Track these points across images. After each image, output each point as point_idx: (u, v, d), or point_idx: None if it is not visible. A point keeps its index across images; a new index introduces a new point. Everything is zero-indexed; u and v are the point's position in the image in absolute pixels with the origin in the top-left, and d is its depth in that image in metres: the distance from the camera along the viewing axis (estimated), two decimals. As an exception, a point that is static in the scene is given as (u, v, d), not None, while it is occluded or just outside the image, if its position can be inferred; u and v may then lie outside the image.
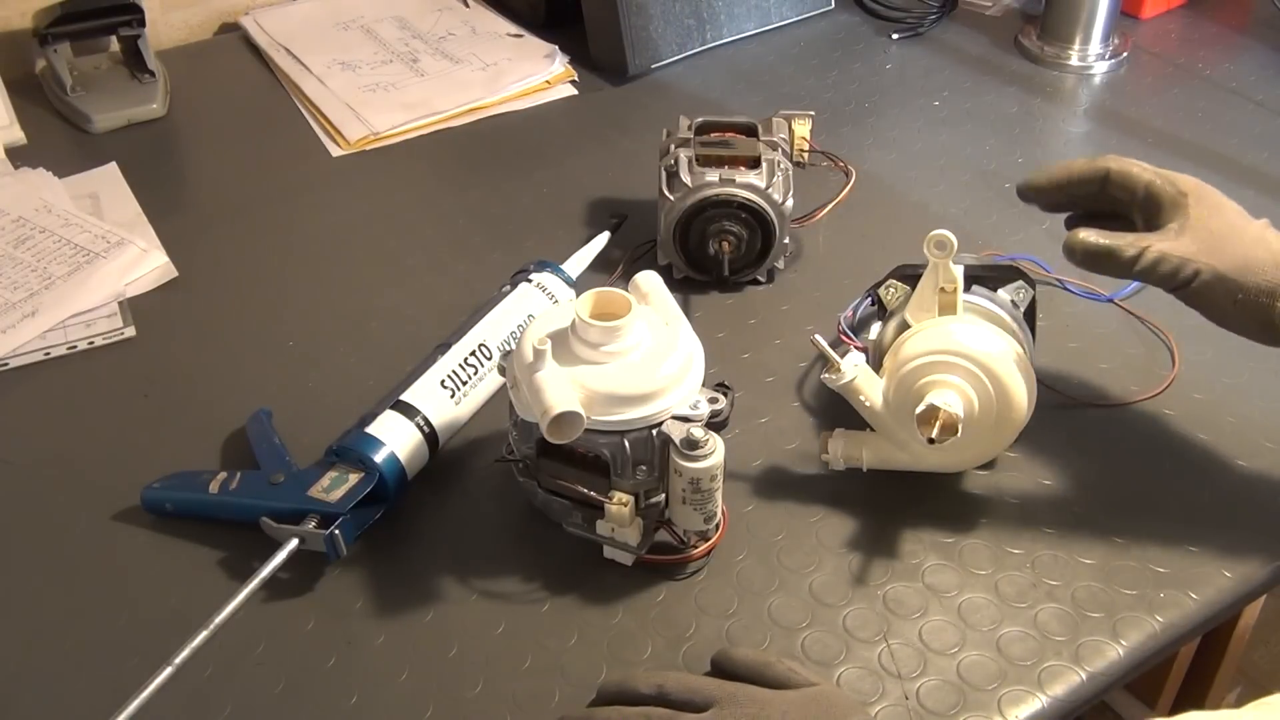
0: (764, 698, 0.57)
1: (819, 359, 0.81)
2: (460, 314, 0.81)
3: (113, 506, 0.73)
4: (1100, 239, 0.68)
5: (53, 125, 1.14)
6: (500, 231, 0.98)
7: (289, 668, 0.64)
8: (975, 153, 1.07)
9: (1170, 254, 0.66)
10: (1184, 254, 0.66)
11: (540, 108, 1.16)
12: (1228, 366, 0.82)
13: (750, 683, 0.59)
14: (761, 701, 0.57)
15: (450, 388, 0.75)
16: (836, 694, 0.59)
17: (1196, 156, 1.05)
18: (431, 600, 0.68)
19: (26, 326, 0.87)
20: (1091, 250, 0.67)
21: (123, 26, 1.15)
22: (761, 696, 0.57)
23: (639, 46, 1.17)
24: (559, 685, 0.63)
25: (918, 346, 0.69)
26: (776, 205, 0.87)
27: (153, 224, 0.99)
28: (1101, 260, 0.67)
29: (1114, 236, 0.67)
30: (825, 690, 0.58)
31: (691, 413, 0.64)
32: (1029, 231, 0.96)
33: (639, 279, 0.69)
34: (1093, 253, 0.67)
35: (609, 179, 1.04)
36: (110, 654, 0.65)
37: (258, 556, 0.67)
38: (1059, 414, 0.78)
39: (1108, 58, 1.21)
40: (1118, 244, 0.67)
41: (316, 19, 1.31)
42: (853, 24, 1.30)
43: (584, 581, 0.68)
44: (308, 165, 1.08)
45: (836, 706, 0.57)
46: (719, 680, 0.60)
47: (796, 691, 0.58)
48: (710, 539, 0.69)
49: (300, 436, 0.76)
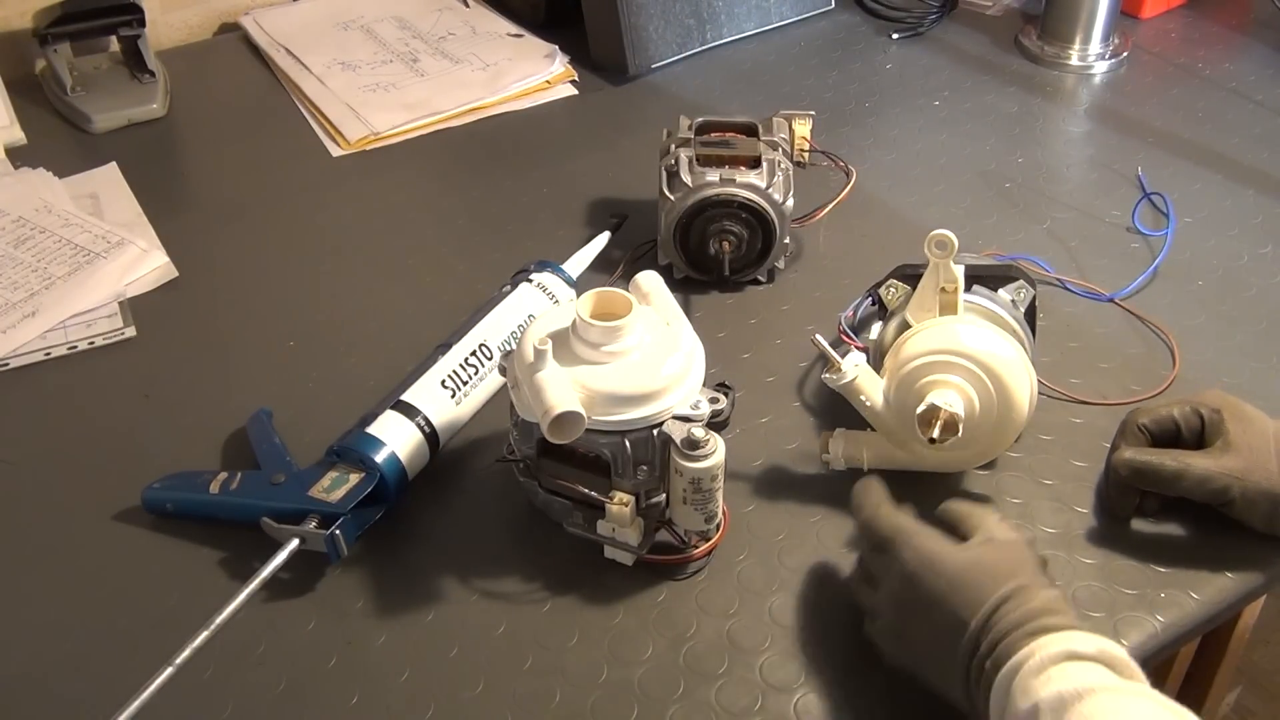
0: (924, 560, 0.60)
1: (819, 359, 0.81)
2: (460, 314, 0.81)
3: (113, 506, 0.73)
4: (1142, 456, 0.68)
5: (53, 125, 1.14)
6: (500, 231, 0.98)
7: (289, 668, 0.64)
8: (975, 153, 1.07)
9: (1215, 474, 0.66)
10: (1228, 471, 0.66)
11: (540, 108, 1.16)
12: (1228, 366, 0.82)
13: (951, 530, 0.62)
14: (919, 566, 0.59)
15: (451, 388, 0.75)
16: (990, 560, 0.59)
17: (1196, 156, 1.05)
18: (432, 600, 0.68)
19: (27, 326, 0.87)
20: (1137, 468, 0.68)
21: (123, 26, 1.15)
22: (923, 559, 0.60)
23: (639, 46, 1.17)
24: (559, 685, 0.63)
25: (919, 346, 0.69)
26: (777, 205, 0.87)
27: (153, 224, 0.99)
28: (1147, 477, 0.68)
29: (1157, 454, 0.68)
30: (984, 556, 0.59)
31: (692, 413, 0.64)
32: (1029, 231, 0.97)
33: (639, 279, 0.69)
34: (1138, 470, 0.68)
35: (609, 179, 1.04)
36: (110, 654, 0.65)
37: (258, 556, 0.67)
38: (1059, 414, 0.78)
39: (1108, 58, 1.21)
40: (1161, 461, 0.68)
41: (316, 19, 1.30)
42: (853, 24, 1.30)
43: (585, 582, 0.68)
44: (308, 165, 1.08)
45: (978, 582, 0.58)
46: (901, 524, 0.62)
47: (963, 556, 0.59)
48: (711, 539, 0.69)
49: (300, 436, 0.76)
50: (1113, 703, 0.51)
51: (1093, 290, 0.89)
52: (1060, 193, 1.01)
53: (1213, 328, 0.86)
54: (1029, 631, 0.55)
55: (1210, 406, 0.69)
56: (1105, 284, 0.89)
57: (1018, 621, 0.55)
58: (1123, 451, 0.69)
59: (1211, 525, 0.70)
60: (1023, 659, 0.54)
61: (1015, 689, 0.53)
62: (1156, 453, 0.68)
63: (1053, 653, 0.53)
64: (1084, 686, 0.51)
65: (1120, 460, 0.69)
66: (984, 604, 0.57)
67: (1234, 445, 0.67)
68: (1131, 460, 0.68)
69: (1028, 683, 0.53)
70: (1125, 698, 0.51)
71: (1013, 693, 0.53)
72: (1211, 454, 0.67)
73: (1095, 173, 1.04)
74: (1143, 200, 0.98)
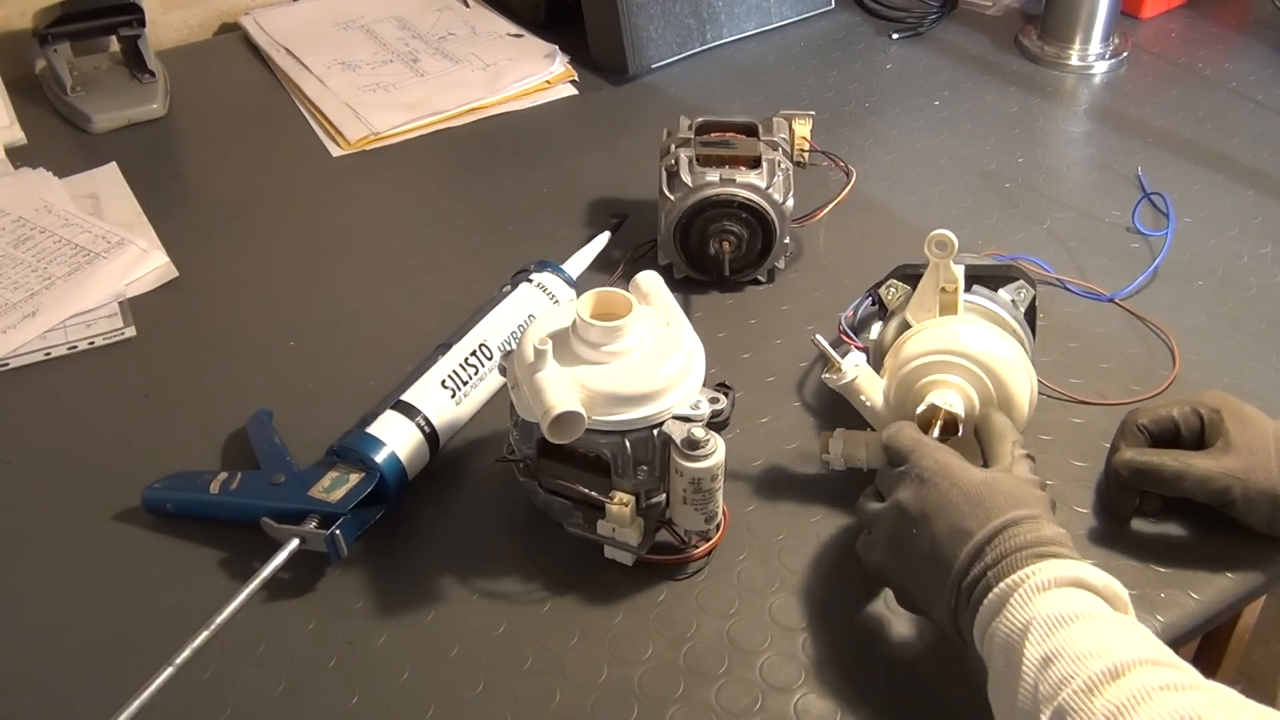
0: (941, 467, 0.61)
1: (819, 359, 0.81)
2: (460, 314, 0.81)
3: (113, 506, 0.73)
4: (1143, 456, 0.68)
5: (53, 125, 1.14)
6: (500, 231, 0.98)
7: (289, 668, 0.64)
8: (975, 153, 1.07)
9: (1216, 474, 0.66)
10: (1229, 471, 0.66)
11: (540, 108, 1.16)
12: (1228, 366, 0.82)
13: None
14: (935, 472, 0.60)
15: (451, 388, 0.75)
16: (1006, 485, 0.60)
17: (1196, 156, 1.05)
18: (432, 600, 0.68)
19: (27, 327, 0.87)
20: (1138, 468, 0.68)
21: (123, 26, 1.15)
22: (940, 466, 0.61)
23: (639, 46, 1.17)
24: (560, 685, 0.63)
25: (919, 346, 0.69)
26: (777, 205, 0.87)
27: (153, 224, 0.99)
28: (1148, 477, 0.68)
29: (1158, 454, 0.68)
30: (1000, 479, 0.60)
31: (692, 413, 0.64)
32: (1029, 231, 0.97)
33: (640, 279, 0.69)
34: (1139, 470, 0.68)
35: (609, 179, 1.04)
36: (110, 654, 0.65)
37: (258, 556, 0.67)
38: (1059, 414, 0.78)
39: (1108, 57, 1.21)
40: (1162, 461, 0.68)
41: (316, 19, 1.31)
42: (853, 24, 1.30)
43: (585, 582, 0.68)
44: (308, 165, 1.08)
45: (991, 498, 0.58)
46: (924, 439, 0.64)
47: (980, 474, 0.60)
48: (711, 539, 0.69)
49: (300, 436, 0.76)
50: (1105, 630, 0.51)
51: (1093, 290, 0.89)
52: (1060, 193, 1.01)
53: (1213, 328, 0.86)
54: (1037, 554, 0.56)
55: (1210, 407, 0.69)
56: (1105, 284, 0.89)
57: (1028, 543, 0.56)
58: (1123, 452, 0.69)
59: (1211, 525, 0.70)
60: (1028, 575, 0.54)
61: (1014, 602, 0.54)
62: (1158, 453, 0.68)
63: (1061, 575, 0.54)
64: (1082, 611, 0.52)
65: (1121, 461, 0.69)
66: (994, 520, 0.57)
67: (1234, 445, 0.67)
68: (1132, 461, 0.68)
69: (1031, 597, 0.53)
70: (1119, 629, 0.52)
71: (1010, 605, 0.54)
72: (1212, 454, 0.67)
73: (1095, 173, 1.04)
74: (1143, 200, 0.98)
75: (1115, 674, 0.48)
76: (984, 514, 0.58)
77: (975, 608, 0.56)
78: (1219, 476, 0.66)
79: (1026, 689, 0.51)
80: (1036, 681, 0.50)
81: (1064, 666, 0.50)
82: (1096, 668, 0.49)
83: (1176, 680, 0.48)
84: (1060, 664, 0.50)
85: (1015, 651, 0.52)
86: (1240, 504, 0.66)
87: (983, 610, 0.55)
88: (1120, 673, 0.48)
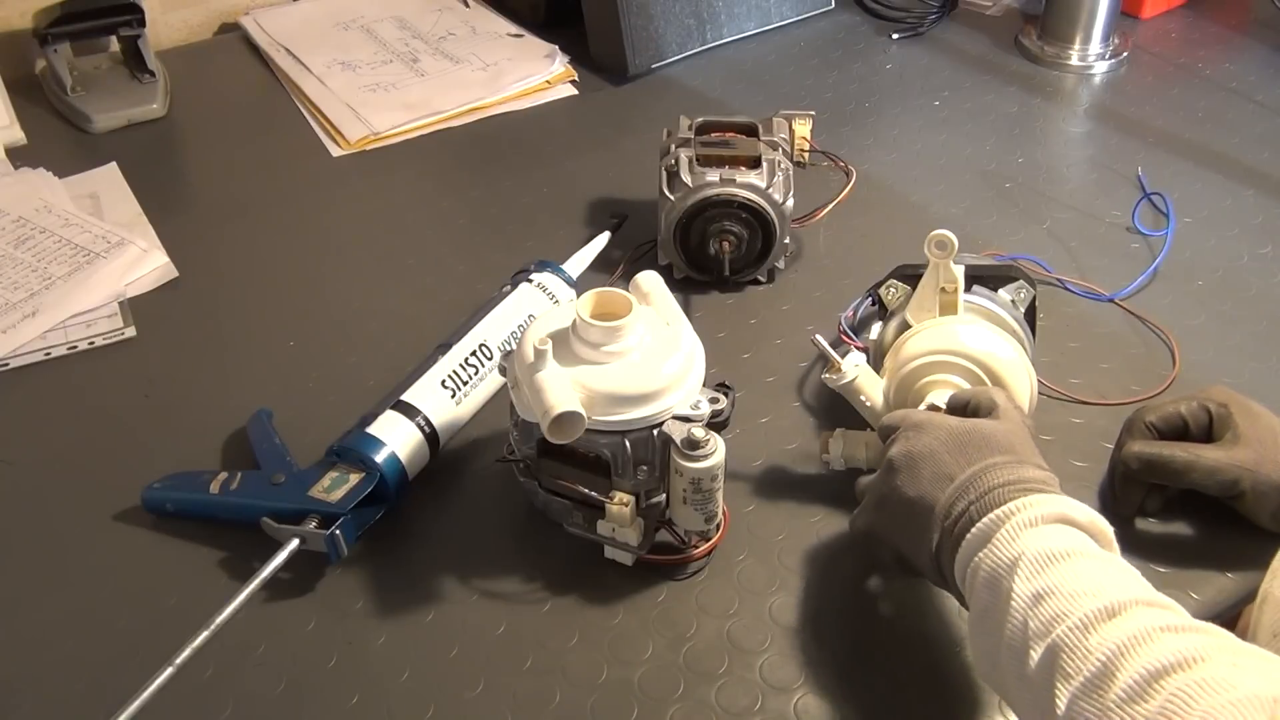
0: (926, 420, 0.62)
1: (819, 359, 0.81)
2: (460, 314, 0.81)
3: (113, 506, 0.73)
4: (1152, 448, 0.68)
5: (53, 125, 1.14)
6: (500, 231, 0.98)
7: (289, 668, 0.64)
8: (975, 153, 1.07)
9: (1226, 465, 0.66)
10: (1238, 463, 0.66)
11: (540, 108, 1.16)
12: (1228, 366, 0.82)
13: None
14: (921, 425, 0.61)
15: (451, 388, 0.75)
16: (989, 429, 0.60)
17: (1196, 156, 1.05)
18: (432, 600, 0.68)
19: (27, 327, 0.87)
20: (1148, 460, 0.68)
21: (123, 26, 1.15)
22: (925, 420, 0.62)
23: (639, 46, 1.17)
24: (560, 685, 0.63)
25: (918, 346, 0.69)
26: (777, 205, 0.87)
27: (153, 224, 0.99)
28: (1157, 469, 0.68)
29: (1168, 445, 0.68)
30: (984, 424, 0.60)
31: (692, 413, 0.64)
32: (1029, 231, 0.97)
33: (640, 279, 0.69)
34: (1149, 461, 0.68)
35: (609, 179, 1.04)
36: (110, 654, 0.65)
37: (258, 556, 0.67)
38: (1059, 414, 0.78)
39: (1108, 58, 1.21)
40: (1172, 453, 0.68)
41: (316, 19, 1.31)
42: (853, 24, 1.30)
43: (585, 582, 0.68)
44: (308, 165, 1.08)
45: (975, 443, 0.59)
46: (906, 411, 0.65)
47: (963, 422, 0.61)
48: (711, 539, 0.69)
49: (300, 436, 0.76)
50: (1097, 568, 0.51)
51: (1093, 290, 0.89)
52: (1060, 193, 1.01)
53: (1213, 328, 0.86)
54: (1022, 489, 0.56)
55: (1217, 401, 0.69)
56: (1105, 284, 0.89)
57: (1011, 480, 0.56)
58: (1133, 444, 0.69)
59: (1212, 525, 0.70)
60: (1014, 510, 0.54)
61: (1000, 537, 0.54)
62: (1167, 445, 0.68)
63: (1047, 511, 0.54)
64: (1072, 548, 0.52)
65: (1131, 452, 0.69)
66: (977, 462, 0.58)
67: (1243, 438, 0.67)
68: (1142, 452, 0.68)
69: (1017, 532, 0.53)
70: (1110, 567, 0.52)
71: (996, 540, 0.54)
72: (1222, 446, 0.67)
73: (1095, 173, 1.04)
74: (1143, 200, 0.98)
75: (1111, 613, 0.48)
76: (966, 458, 0.58)
77: (958, 542, 0.56)
78: (1229, 468, 0.66)
79: (1015, 625, 0.51)
80: (1026, 618, 0.50)
81: (1057, 604, 0.49)
82: (1092, 606, 0.48)
83: (1175, 622, 0.47)
84: (1052, 601, 0.50)
85: (1003, 587, 0.52)
86: (1249, 496, 0.66)
87: (965, 544, 0.55)
88: (1116, 612, 0.48)
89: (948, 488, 0.57)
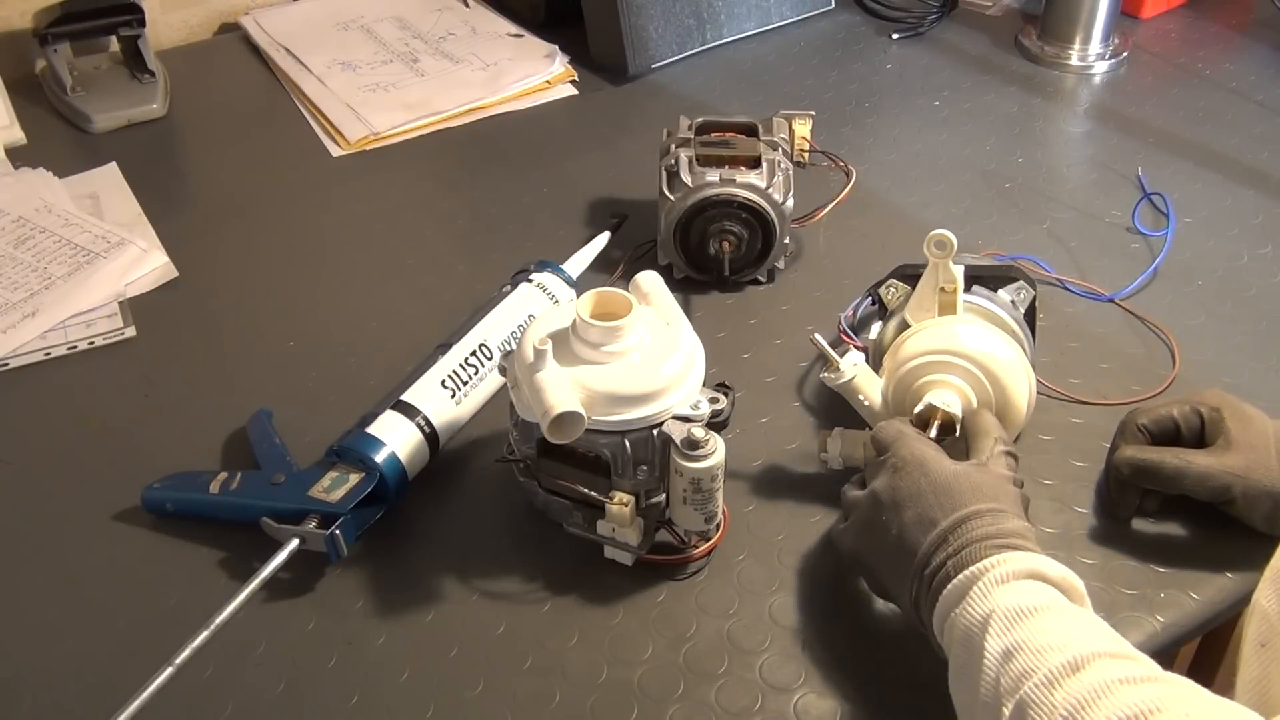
0: (916, 458, 0.61)
1: (819, 359, 0.81)
2: (460, 314, 0.81)
3: (113, 506, 0.73)
4: (1143, 454, 0.68)
5: (53, 125, 1.14)
6: (500, 231, 0.98)
7: (289, 668, 0.64)
8: (975, 153, 1.07)
9: (1216, 472, 0.66)
10: (1229, 469, 0.66)
11: (540, 108, 1.16)
12: (1228, 366, 0.82)
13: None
14: (910, 462, 0.61)
15: (451, 388, 0.75)
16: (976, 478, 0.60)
17: (1196, 156, 1.05)
18: (432, 600, 0.68)
19: (27, 326, 0.87)
20: (1138, 466, 0.68)
21: (123, 26, 1.15)
22: (916, 458, 0.61)
23: (639, 46, 1.17)
24: (559, 685, 0.63)
25: (917, 346, 0.69)
26: (777, 205, 0.87)
27: (153, 224, 0.99)
28: (1148, 475, 0.68)
29: (1159, 452, 0.68)
30: (972, 472, 0.60)
31: (692, 413, 0.64)
32: (1029, 231, 0.97)
33: (639, 279, 0.69)
34: (1140, 468, 0.68)
35: (609, 179, 1.04)
36: (110, 654, 0.65)
37: (258, 556, 0.67)
38: (1059, 414, 0.78)
39: (1108, 58, 1.21)
40: (1162, 459, 0.68)
41: (316, 19, 1.31)
42: (853, 24, 1.30)
43: (584, 582, 0.68)
44: (308, 165, 1.08)
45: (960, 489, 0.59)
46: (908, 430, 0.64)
47: (951, 467, 0.61)
48: (711, 539, 0.69)
49: (300, 436, 0.76)
50: (1064, 622, 0.52)
51: (1093, 290, 0.89)
52: (1060, 193, 1.01)
53: (1213, 328, 0.86)
54: (998, 545, 0.56)
55: (1210, 405, 0.69)
56: (1105, 284, 0.89)
57: (989, 534, 0.57)
58: (1124, 450, 0.69)
59: (1211, 525, 0.70)
60: (988, 567, 0.55)
61: (974, 594, 0.54)
62: (1158, 451, 0.68)
63: (1019, 568, 0.54)
64: (1040, 604, 0.52)
65: (1122, 459, 0.69)
66: (959, 510, 0.58)
67: (1235, 443, 0.67)
68: (1133, 458, 0.68)
69: (990, 589, 0.54)
70: (1078, 621, 0.52)
71: (970, 597, 0.54)
72: (1213, 452, 0.67)
73: (1095, 173, 1.04)
74: (1143, 200, 0.98)
75: (1075, 667, 0.49)
76: (950, 505, 0.58)
77: (935, 596, 0.56)
78: (1219, 474, 0.66)
79: (988, 682, 0.51)
80: (998, 675, 0.51)
81: (1025, 660, 0.50)
82: (1057, 661, 0.49)
83: (1135, 673, 0.48)
84: (1021, 657, 0.50)
85: (976, 644, 0.53)
86: (1240, 502, 0.66)
87: (943, 600, 0.56)
88: (1080, 665, 0.49)
89: (929, 534, 0.58)
